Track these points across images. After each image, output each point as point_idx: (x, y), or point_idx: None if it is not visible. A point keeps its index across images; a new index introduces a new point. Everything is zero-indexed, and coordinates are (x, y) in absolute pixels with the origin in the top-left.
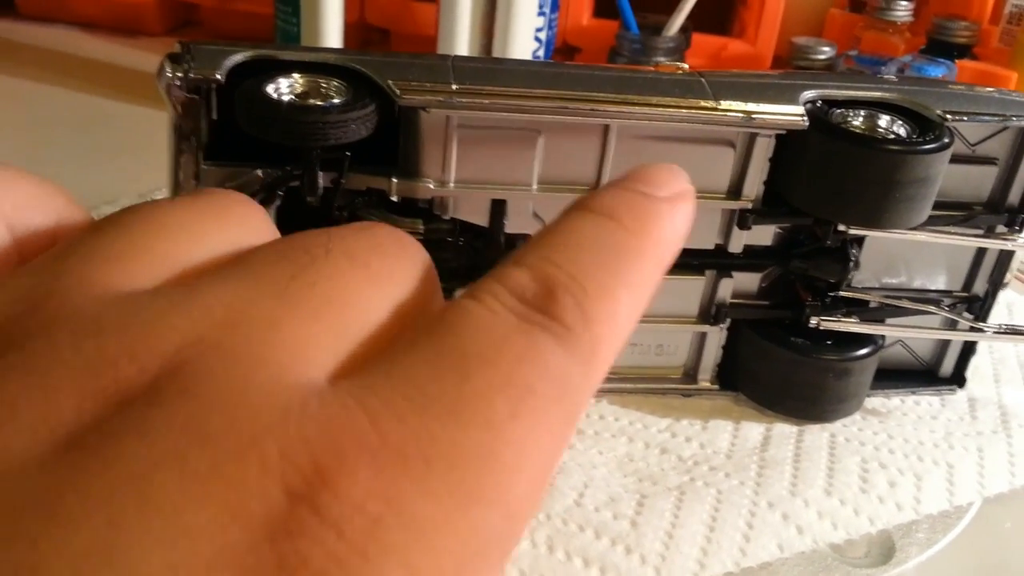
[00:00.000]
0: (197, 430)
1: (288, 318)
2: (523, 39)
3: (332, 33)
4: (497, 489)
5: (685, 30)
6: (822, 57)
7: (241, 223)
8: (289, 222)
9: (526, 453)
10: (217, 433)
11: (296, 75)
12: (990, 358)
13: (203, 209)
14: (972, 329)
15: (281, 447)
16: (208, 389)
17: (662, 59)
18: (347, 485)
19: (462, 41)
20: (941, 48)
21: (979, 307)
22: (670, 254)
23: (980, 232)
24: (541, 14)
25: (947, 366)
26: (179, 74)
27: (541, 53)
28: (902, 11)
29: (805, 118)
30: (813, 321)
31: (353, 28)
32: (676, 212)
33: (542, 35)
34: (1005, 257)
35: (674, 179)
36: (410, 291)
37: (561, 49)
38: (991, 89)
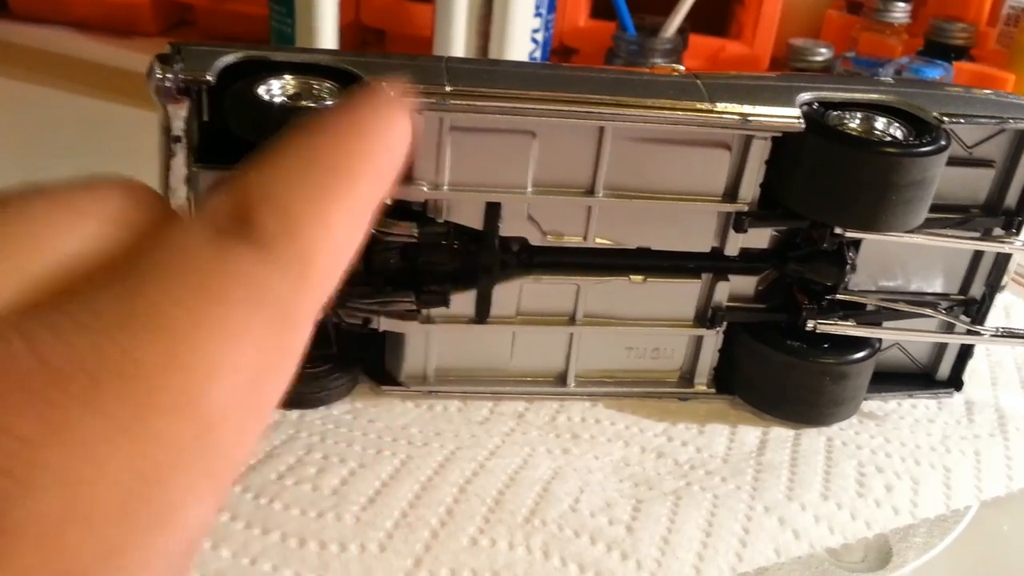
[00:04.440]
0: None
1: None
2: (519, 40)
3: (327, 34)
4: (182, 397)
5: (682, 31)
6: (819, 59)
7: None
8: None
9: (219, 359)
10: None
11: (288, 76)
12: (987, 361)
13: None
14: (969, 332)
15: None
16: None
17: (659, 60)
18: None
19: (458, 42)
20: (938, 50)
21: (976, 310)
22: (390, 164)
23: (977, 235)
24: (537, 15)
25: (944, 369)
26: (169, 75)
27: (538, 54)
28: (899, 13)
29: (801, 120)
30: (810, 324)
31: (348, 29)
32: (389, 117)
33: (539, 36)
34: (1002, 260)
35: (380, 91)
36: (104, 206)
37: (558, 50)
38: (988, 91)
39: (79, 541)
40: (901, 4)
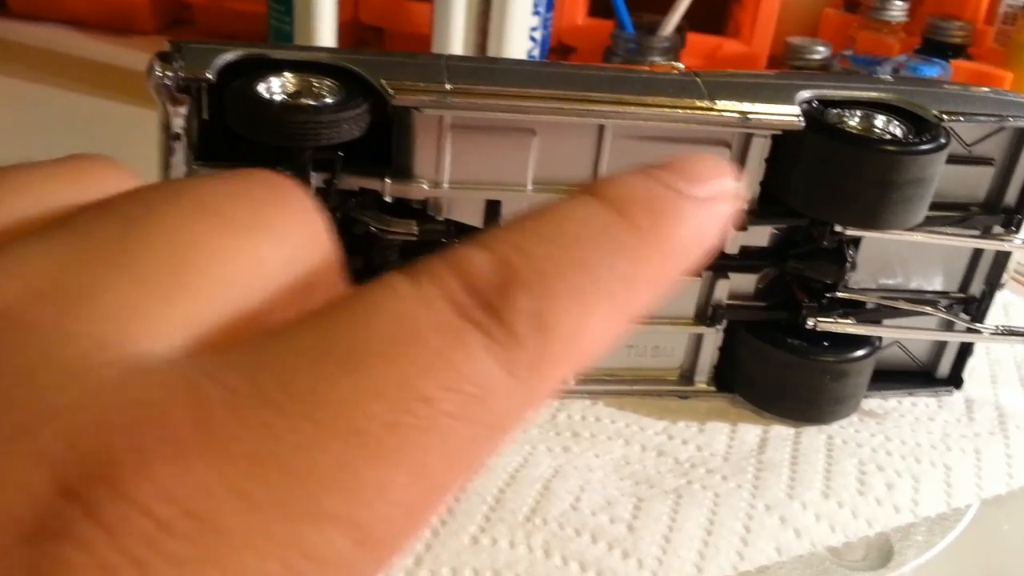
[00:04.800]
0: None
1: (112, 283)
2: (518, 38)
3: (325, 32)
4: (346, 508)
5: (680, 30)
6: (817, 57)
7: (100, 181)
8: None
9: (397, 474)
10: None
11: (288, 74)
12: (987, 359)
13: (52, 170)
14: (969, 330)
15: (66, 433)
16: None
17: (657, 59)
18: (133, 481)
19: (456, 40)
20: (936, 48)
21: (976, 308)
22: (681, 267)
23: (977, 233)
24: (536, 13)
25: (944, 367)
26: (169, 73)
27: (536, 52)
28: (897, 11)
29: (801, 118)
30: (810, 322)
31: (347, 27)
32: (704, 216)
33: (537, 34)
34: (1002, 258)
35: (715, 174)
36: (292, 246)
37: (556, 49)
38: (986, 89)
39: None
40: (899, 3)
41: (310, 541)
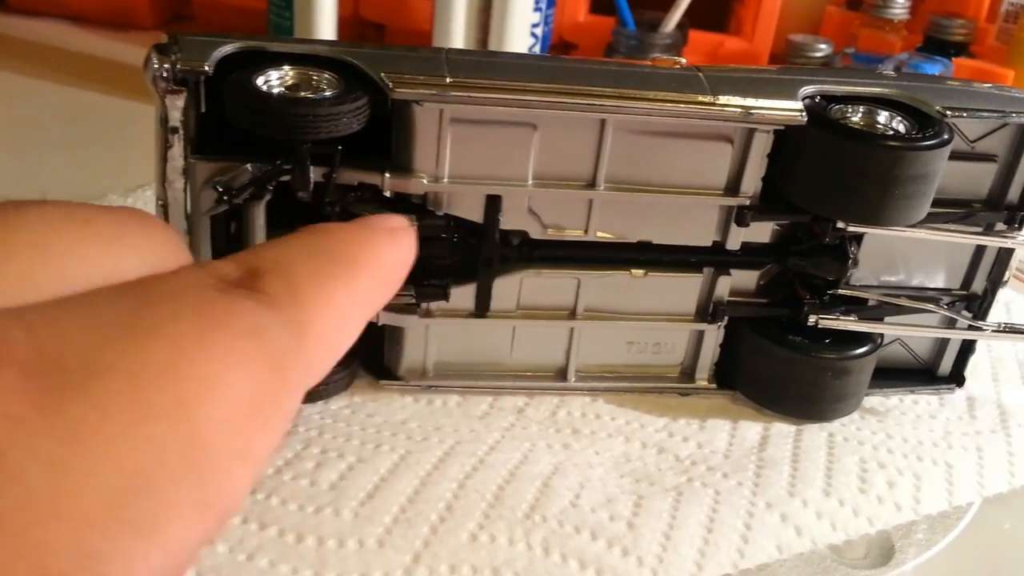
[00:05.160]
0: None
1: None
2: (519, 35)
3: (326, 27)
4: (178, 406)
5: (682, 27)
6: (819, 55)
7: None
8: (279, 217)
9: (217, 377)
10: None
11: (286, 67)
12: (988, 357)
13: None
14: (971, 328)
15: None
16: None
17: (659, 56)
18: None
19: (457, 36)
20: (938, 46)
21: (978, 305)
22: (389, 274)
23: (979, 230)
24: (537, 9)
25: (946, 365)
26: (166, 65)
27: (537, 49)
28: (899, 9)
29: (803, 114)
30: (811, 319)
31: (347, 22)
32: (393, 237)
33: (538, 31)
34: (1004, 255)
35: (392, 218)
36: (141, 262)
37: (557, 45)
38: (989, 85)
39: (60, 538)
40: (900, 0)
41: (152, 434)
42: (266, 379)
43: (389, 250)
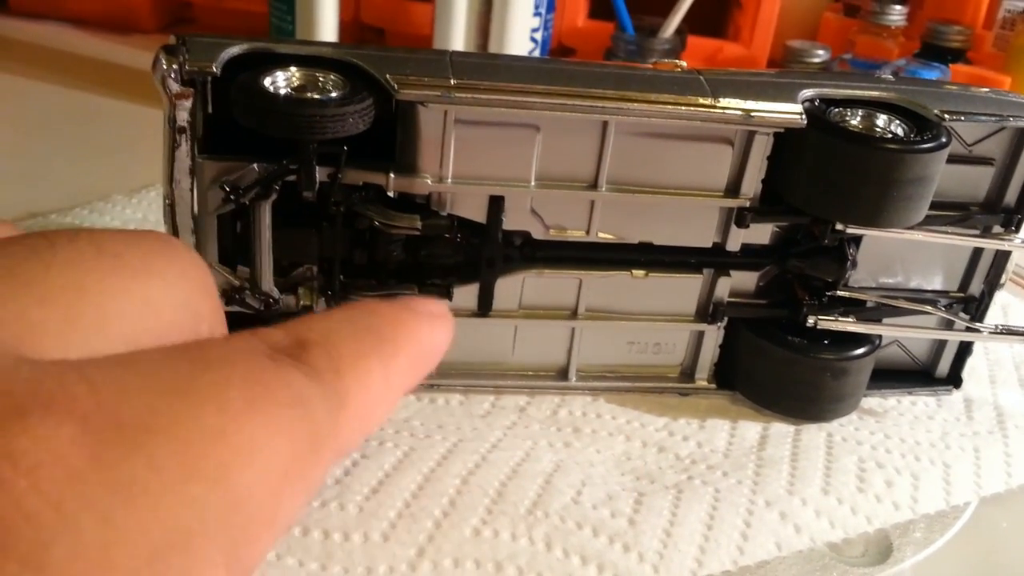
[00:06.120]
0: None
1: (13, 297)
2: (519, 39)
3: (327, 31)
4: (222, 469)
5: (680, 32)
6: (816, 60)
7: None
8: (285, 217)
9: (259, 445)
10: None
11: (293, 68)
12: (985, 359)
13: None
14: (968, 329)
15: None
16: None
17: (659, 60)
18: (48, 434)
19: (458, 41)
20: (935, 52)
21: (975, 308)
22: (426, 356)
23: (976, 232)
24: (537, 14)
25: (943, 367)
26: (174, 66)
27: (536, 54)
28: (896, 15)
29: (803, 116)
30: (810, 320)
31: (348, 27)
32: (433, 322)
33: (538, 36)
34: (1001, 257)
35: (434, 304)
36: (173, 291)
37: (556, 50)
38: (987, 89)
39: None
40: (898, 7)
41: (195, 495)
42: (303, 450)
43: (428, 334)
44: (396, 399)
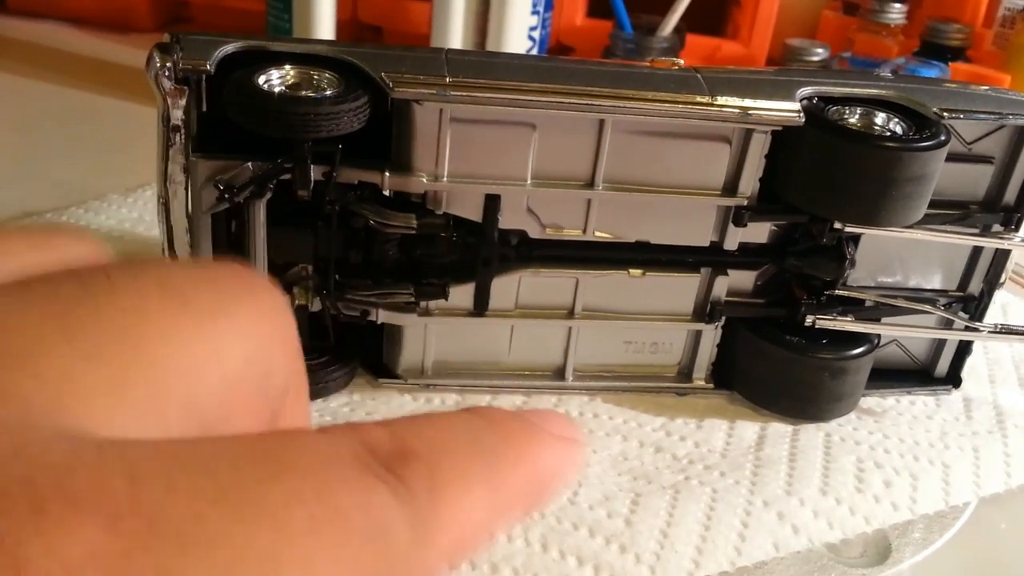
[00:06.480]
0: None
1: (57, 349)
2: (516, 38)
3: (324, 30)
4: None
5: (679, 31)
6: (816, 59)
7: (66, 250)
8: (280, 216)
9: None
10: None
11: (288, 66)
12: (985, 359)
13: (21, 236)
14: (968, 329)
15: None
16: None
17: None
18: (65, 539)
19: (455, 39)
20: (934, 51)
21: (975, 307)
22: (543, 485)
23: (976, 231)
24: (535, 13)
25: (942, 366)
26: (168, 64)
27: (534, 52)
28: (895, 13)
29: (801, 114)
30: (808, 320)
31: (345, 25)
32: (561, 447)
33: (536, 34)
34: (1001, 256)
35: (569, 425)
36: (256, 343)
37: (554, 49)
38: (986, 87)
39: None
40: (897, 5)
41: None
42: None
43: (550, 459)
44: (491, 535)
